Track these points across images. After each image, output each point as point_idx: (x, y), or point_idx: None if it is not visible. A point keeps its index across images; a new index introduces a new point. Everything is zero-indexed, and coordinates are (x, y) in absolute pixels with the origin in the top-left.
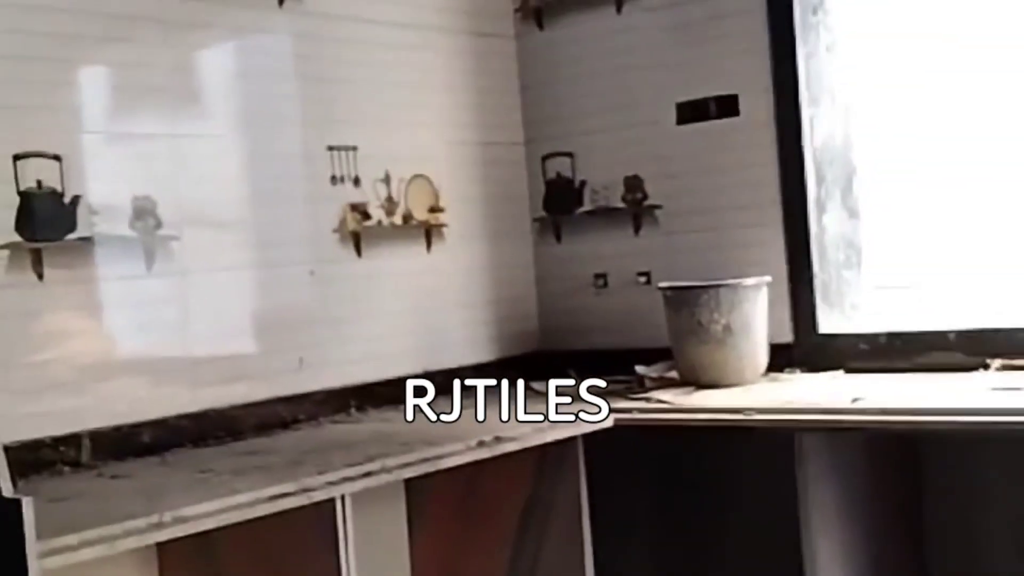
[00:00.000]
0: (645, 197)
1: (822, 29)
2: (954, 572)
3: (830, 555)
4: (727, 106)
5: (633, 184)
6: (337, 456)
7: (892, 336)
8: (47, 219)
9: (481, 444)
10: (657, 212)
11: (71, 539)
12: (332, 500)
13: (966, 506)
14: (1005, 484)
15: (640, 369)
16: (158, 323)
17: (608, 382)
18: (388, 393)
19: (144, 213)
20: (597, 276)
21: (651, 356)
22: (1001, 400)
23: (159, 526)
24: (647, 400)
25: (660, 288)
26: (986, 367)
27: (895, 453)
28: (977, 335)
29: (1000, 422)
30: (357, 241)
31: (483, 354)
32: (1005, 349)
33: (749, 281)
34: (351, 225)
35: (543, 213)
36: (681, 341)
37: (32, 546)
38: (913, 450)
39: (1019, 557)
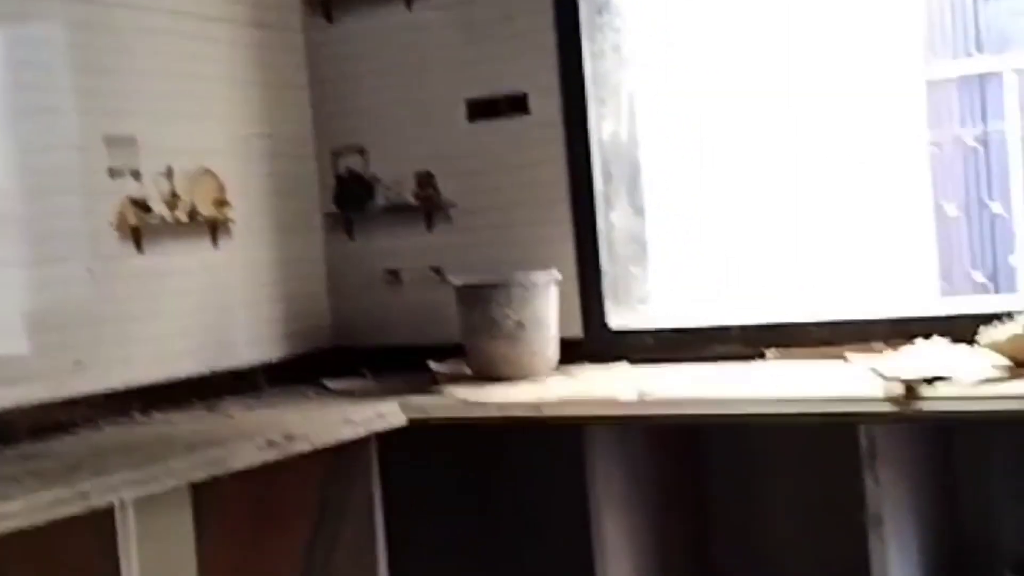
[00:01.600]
0: (437, 193)
1: (608, 29)
2: (735, 549)
3: (618, 540)
4: (517, 104)
5: (425, 180)
6: (117, 460)
7: (677, 330)
8: None
9: (271, 444)
10: (450, 208)
11: None
12: (111, 506)
13: (746, 487)
14: (781, 466)
15: (433, 365)
16: None
17: (402, 379)
18: (173, 394)
19: None
20: (390, 272)
21: (444, 352)
22: (776, 389)
23: None
24: (440, 396)
25: (453, 284)
26: (764, 358)
27: (680, 441)
28: (756, 328)
29: (776, 411)
30: (138, 237)
31: (273, 352)
32: (781, 341)
33: (540, 277)
34: (131, 220)
35: (334, 209)
36: (474, 337)
37: None
38: (697, 437)
39: (795, 533)
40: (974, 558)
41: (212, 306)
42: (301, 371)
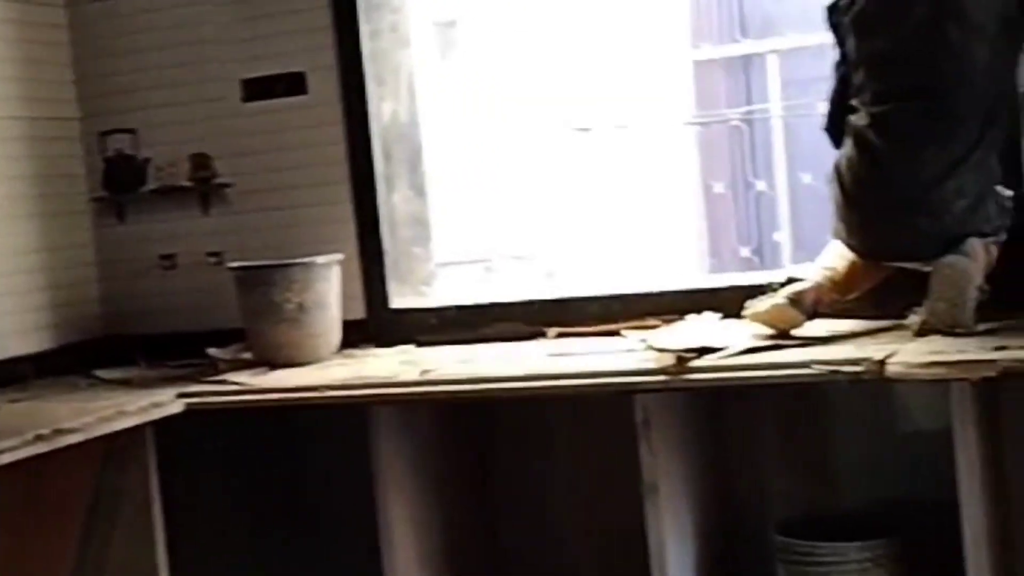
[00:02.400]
0: (214, 175)
1: (386, 10)
2: (520, 525)
3: (404, 522)
4: (294, 84)
5: (200, 162)
6: None
7: (459, 309)
8: None
9: (39, 438)
10: (227, 191)
11: None
12: None
13: (529, 463)
14: (562, 440)
15: (213, 352)
16: None
17: (179, 366)
18: None
19: None
20: (164, 257)
21: (224, 338)
22: (556, 365)
23: None
24: (221, 383)
25: (231, 268)
26: (544, 335)
27: (465, 419)
28: (536, 306)
29: (556, 385)
30: None
31: (40, 343)
32: (560, 318)
33: (321, 259)
34: None
35: (103, 192)
36: (254, 321)
37: None
38: (481, 416)
39: (577, 506)
40: (744, 520)
41: None
42: (72, 361)
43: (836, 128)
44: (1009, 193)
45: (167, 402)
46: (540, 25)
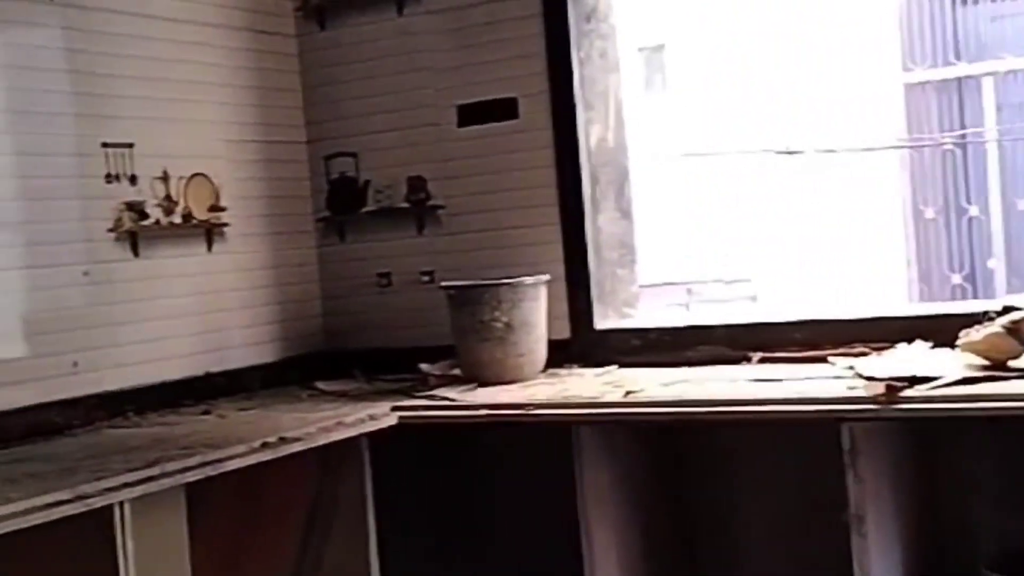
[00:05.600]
0: (428, 197)
1: (595, 36)
2: (718, 548)
3: (605, 538)
4: (506, 109)
5: (416, 184)
6: (115, 462)
7: (662, 331)
8: None
9: (265, 446)
10: (440, 212)
11: None
12: (110, 507)
13: (729, 487)
14: (763, 465)
15: (424, 367)
16: None
17: (393, 380)
18: (168, 396)
19: None
20: (381, 275)
21: (435, 354)
22: (761, 390)
23: None
24: (431, 398)
25: (443, 287)
26: (748, 360)
27: (663, 441)
28: (740, 330)
29: (761, 411)
30: (134, 241)
31: (267, 355)
32: (764, 343)
33: (529, 280)
34: (127, 224)
35: (327, 213)
36: (463, 339)
37: None
38: (680, 436)
39: (777, 531)
40: (953, 556)
41: (207, 309)
42: (294, 373)
43: None
44: None
45: (382, 415)
46: (748, 48)
